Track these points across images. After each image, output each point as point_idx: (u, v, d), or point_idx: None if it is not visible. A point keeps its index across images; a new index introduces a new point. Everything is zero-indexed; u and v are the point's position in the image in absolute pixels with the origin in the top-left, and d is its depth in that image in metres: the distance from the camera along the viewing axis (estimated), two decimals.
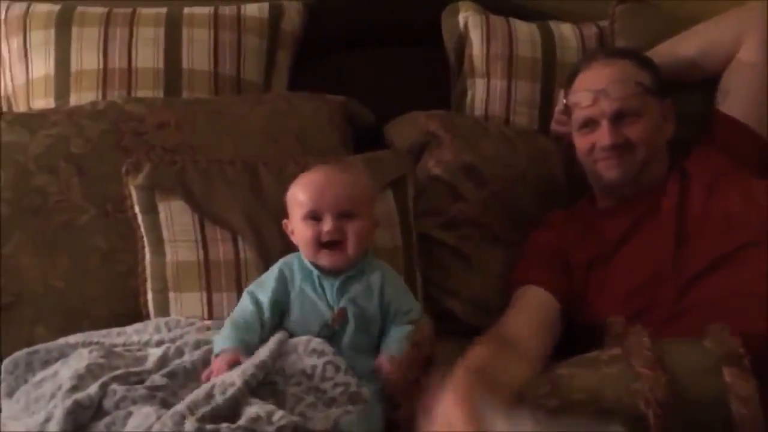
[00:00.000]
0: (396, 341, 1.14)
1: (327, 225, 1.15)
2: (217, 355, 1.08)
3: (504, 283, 1.44)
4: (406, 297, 1.21)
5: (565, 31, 1.71)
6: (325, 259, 1.16)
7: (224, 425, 0.89)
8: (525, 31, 1.69)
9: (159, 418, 0.94)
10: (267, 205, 1.30)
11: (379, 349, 1.15)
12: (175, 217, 1.29)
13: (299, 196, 1.19)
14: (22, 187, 1.37)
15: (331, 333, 1.13)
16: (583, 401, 1.05)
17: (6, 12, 1.58)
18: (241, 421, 0.90)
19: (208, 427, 0.88)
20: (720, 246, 1.28)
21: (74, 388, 1.01)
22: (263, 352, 1.06)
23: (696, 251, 1.30)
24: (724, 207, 1.34)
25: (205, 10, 1.61)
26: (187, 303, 1.27)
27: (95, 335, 1.22)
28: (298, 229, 1.18)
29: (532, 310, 1.31)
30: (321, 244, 1.16)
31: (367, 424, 1.04)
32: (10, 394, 1.12)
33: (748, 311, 1.17)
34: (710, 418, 1.03)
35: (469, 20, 1.68)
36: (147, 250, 1.30)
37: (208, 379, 1.04)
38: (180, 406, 0.96)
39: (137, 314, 1.29)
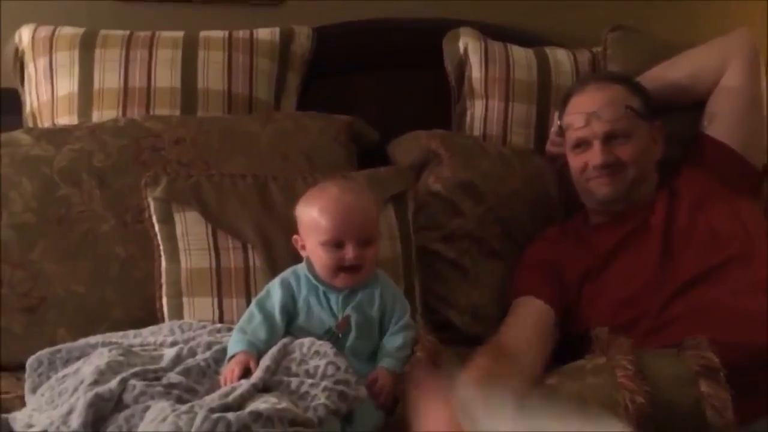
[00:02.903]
0: (390, 353, 1.19)
1: (350, 252, 1.17)
2: (230, 359, 1.14)
3: (500, 294, 1.48)
4: (400, 302, 1.24)
5: (559, 56, 1.76)
6: (343, 281, 1.19)
7: (230, 413, 0.95)
8: (522, 55, 1.74)
9: (173, 410, 0.99)
10: (276, 217, 1.35)
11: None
12: (190, 227, 1.34)
13: (321, 222, 1.18)
14: (48, 198, 1.42)
15: (334, 339, 1.17)
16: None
17: (34, 34, 1.64)
18: (246, 411, 0.96)
19: (215, 415, 0.94)
20: (705, 260, 1.33)
21: (95, 383, 1.06)
22: (268, 357, 1.11)
23: (681, 265, 1.34)
24: (709, 223, 1.38)
25: (220, 34, 1.67)
26: (200, 307, 1.32)
27: (114, 336, 1.27)
28: (316, 253, 1.19)
29: (530, 321, 1.34)
30: (340, 268, 1.19)
31: (364, 422, 1.09)
32: (34, 390, 1.17)
33: (729, 322, 1.22)
34: (686, 425, 1.08)
35: (469, 45, 1.74)
36: (163, 257, 1.35)
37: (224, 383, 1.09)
38: (194, 402, 1.02)
39: (153, 317, 1.34)
